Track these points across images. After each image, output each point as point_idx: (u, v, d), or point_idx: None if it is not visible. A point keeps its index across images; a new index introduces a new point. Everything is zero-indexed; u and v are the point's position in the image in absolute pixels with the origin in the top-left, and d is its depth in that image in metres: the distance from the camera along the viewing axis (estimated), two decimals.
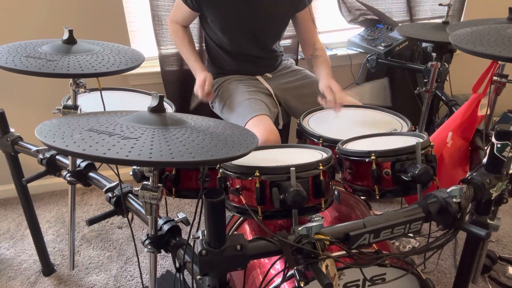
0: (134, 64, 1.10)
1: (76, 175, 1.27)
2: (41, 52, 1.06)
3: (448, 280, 1.61)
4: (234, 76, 1.75)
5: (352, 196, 1.35)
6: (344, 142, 1.14)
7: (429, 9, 2.42)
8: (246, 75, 1.76)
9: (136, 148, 0.67)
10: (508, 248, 1.77)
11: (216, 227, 0.74)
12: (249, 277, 1.10)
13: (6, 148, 1.40)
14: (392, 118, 1.39)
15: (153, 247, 0.95)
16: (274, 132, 1.45)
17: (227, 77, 1.75)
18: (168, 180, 1.09)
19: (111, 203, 1.11)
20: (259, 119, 1.49)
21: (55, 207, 2.14)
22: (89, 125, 0.76)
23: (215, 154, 0.69)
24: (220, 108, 1.71)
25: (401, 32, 1.84)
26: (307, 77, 1.76)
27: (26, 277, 1.68)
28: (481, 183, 0.96)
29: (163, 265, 1.72)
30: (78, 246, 1.84)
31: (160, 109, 0.81)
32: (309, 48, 1.75)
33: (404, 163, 0.96)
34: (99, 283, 1.64)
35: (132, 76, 2.10)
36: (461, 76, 2.32)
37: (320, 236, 0.80)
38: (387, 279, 1.03)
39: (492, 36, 0.95)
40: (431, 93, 1.87)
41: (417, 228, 0.90)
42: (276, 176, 0.90)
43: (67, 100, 1.32)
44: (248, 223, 1.26)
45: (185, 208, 2.13)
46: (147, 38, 2.06)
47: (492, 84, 1.63)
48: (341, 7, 2.28)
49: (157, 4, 1.92)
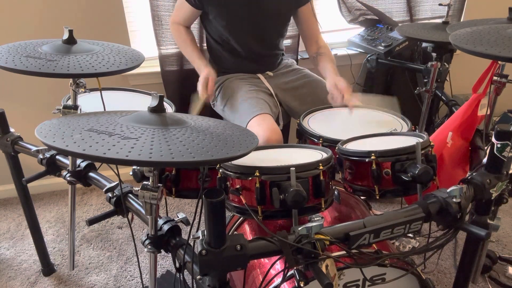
0: (134, 64, 1.10)
1: (76, 175, 1.27)
2: (41, 52, 1.06)
3: (448, 280, 1.61)
4: (235, 75, 1.75)
5: (352, 196, 1.35)
6: (344, 142, 1.14)
7: (429, 9, 2.41)
8: (248, 73, 1.76)
9: (136, 148, 0.67)
10: (508, 248, 1.77)
11: (216, 227, 0.74)
12: (249, 277, 1.10)
13: (6, 148, 1.40)
14: (392, 118, 1.39)
15: (153, 247, 0.95)
16: (276, 131, 1.45)
17: (229, 76, 1.75)
18: (168, 180, 1.09)
19: (111, 203, 1.11)
20: (261, 118, 1.49)
21: (55, 207, 2.14)
22: (89, 125, 0.76)
23: (215, 154, 0.69)
24: (222, 107, 1.70)
25: (401, 32, 1.84)
26: (307, 77, 1.76)
27: (26, 277, 1.68)
28: (481, 183, 0.96)
29: (163, 265, 1.72)
30: (78, 246, 1.84)
31: (160, 109, 0.81)
32: (312, 46, 1.75)
33: (404, 163, 0.96)
34: (99, 283, 1.64)
35: (132, 76, 2.10)
36: (461, 76, 2.32)
37: (320, 236, 0.80)
38: (387, 279, 1.03)
39: (492, 36, 0.95)
40: (431, 93, 1.87)
41: (417, 228, 0.90)
42: (276, 176, 0.90)
43: (67, 100, 1.32)
44: (248, 223, 1.26)
45: (185, 208, 2.13)
46: (147, 38, 2.06)
47: (492, 84, 1.63)
48: (341, 7, 2.28)
49: (157, 4, 1.92)
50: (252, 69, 1.76)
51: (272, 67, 1.80)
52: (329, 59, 1.68)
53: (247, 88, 1.65)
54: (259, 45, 1.71)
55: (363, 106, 1.48)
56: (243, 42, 1.68)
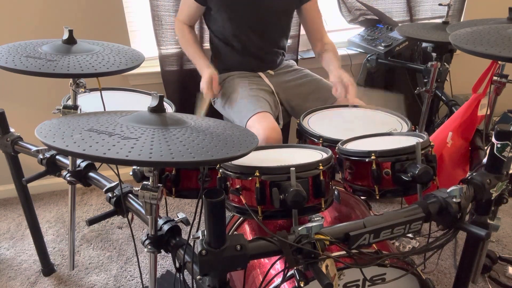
0: (134, 64, 1.10)
1: (76, 175, 1.26)
2: (41, 52, 1.06)
3: (448, 280, 1.61)
4: (237, 73, 1.75)
5: (352, 196, 1.35)
6: (344, 142, 1.14)
7: (429, 9, 2.42)
8: (249, 71, 1.76)
9: (136, 148, 0.67)
10: (508, 248, 1.77)
11: (216, 227, 0.74)
12: (249, 277, 1.10)
13: (6, 148, 1.40)
14: (392, 118, 1.39)
15: (153, 247, 0.95)
16: (276, 129, 1.45)
17: (230, 73, 1.75)
18: (168, 180, 1.09)
19: (111, 203, 1.11)
20: (261, 116, 1.49)
21: (55, 207, 2.14)
22: (89, 125, 0.76)
23: (215, 154, 0.69)
24: (222, 104, 1.71)
25: (401, 32, 1.84)
26: (309, 76, 1.77)
27: (26, 277, 1.68)
28: (481, 183, 0.96)
29: (163, 265, 1.72)
30: (78, 246, 1.84)
31: (160, 109, 0.81)
32: (317, 44, 1.77)
33: (404, 163, 0.96)
34: (99, 283, 1.64)
35: (132, 76, 2.10)
36: (461, 76, 2.32)
37: (320, 236, 0.80)
38: (387, 279, 1.03)
39: (492, 36, 0.95)
40: (431, 93, 1.87)
41: (417, 228, 0.90)
42: (276, 176, 0.90)
43: (67, 100, 1.32)
44: (248, 223, 1.26)
45: (185, 208, 2.13)
46: (147, 38, 2.06)
47: (492, 84, 1.63)
48: (341, 7, 2.28)
49: (157, 4, 1.92)
50: (253, 67, 1.76)
51: (273, 66, 1.80)
52: (334, 55, 1.70)
53: (248, 86, 1.66)
54: (261, 41, 1.71)
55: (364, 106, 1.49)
56: (246, 38, 1.69)
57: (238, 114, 1.57)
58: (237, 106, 1.60)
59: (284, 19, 1.74)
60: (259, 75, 1.76)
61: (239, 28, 1.67)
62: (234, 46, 1.71)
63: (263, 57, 1.76)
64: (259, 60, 1.76)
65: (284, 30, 1.78)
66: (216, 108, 1.79)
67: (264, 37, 1.71)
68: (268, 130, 1.42)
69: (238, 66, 1.76)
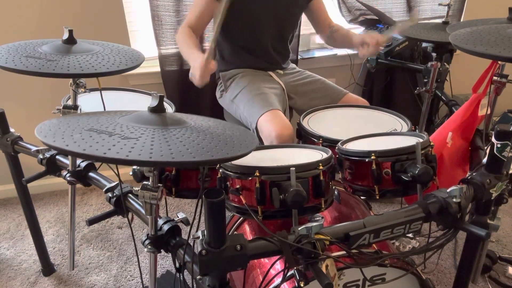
0: (134, 64, 1.10)
1: (76, 175, 1.26)
2: (41, 52, 1.06)
3: (448, 280, 1.61)
4: (248, 70, 1.75)
5: (352, 196, 1.35)
6: (344, 142, 1.14)
7: (429, 9, 2.42)
8: (260, 70, 1.77)
9: (136, 148, 0.67)
10: (508, 248, 1.77)
11: (216, 227, 0.74)
12: (249, 277, 1.10)
13: (6, 148, 1.40)
14: (392, 118, 1.39)
15: (153, 247, 0.95)
16: (288, 127, 1.45)
17: (240, 70, 1.75)
18: (168, 180, 1.09)
19: (111, 203, 1.11)
20: (273, 113, 1.49)
21: (55, 207, 2.14)
22: (89, 125, 0.76)
23: (215, 154, 0.69)
24: (231, 99, 1.69)
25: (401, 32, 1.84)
26: (312, 76, 1.80)
27: (26, 277, 1.68)
28: (481, 183, 0.96)
29: (163, 265, 1.72)
30: (78, 246, 1.84)
31: (160, 109, 0.81)
32: (325, 29, 1.82)
33: (404, 163, 0.96)
34: (99, 283, 1.64)
35: (132, 76, 2.10)
36: (461, 76, 2.32)
37: (320, 236, 0.80)
38: (387, 279, 1.03)
39: (492, 36, 0.95)
40: (431, 93, 1.87)
41: (417, 228, 0.90)
42: (276, 176, 0.90)
43: (67, 100, 1.32)
44: (248, 223, 1.26)
45: (185, 208, 2.13)
46: (147, 38, 2.06)
47: (492, 84, 1.63)
48: (341, 7, 2.28)
49: (157, 4, 1.92)
50: (263, 67, 1.77)
51: (283, 65, 1.83)
52: (346, 30, 1.77)
53: (261, 83, 1.66)
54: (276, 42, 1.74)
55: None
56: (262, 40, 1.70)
57: (249, 110, 1.56)
58: (247, 103, 1.59)
59: (297, 16, 1.78)
60: (269, 74, 1.77)
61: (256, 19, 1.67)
62: (245, 46, 1.72)
63: (273, 57, 1.77)
64: (269, 58, 1.77)
65: (295, 28, 1.81)
66: (221, 103, 1.79)
67: (278, 38, 1.74)
68: (280, 127, 1.42)
69: (249, 66, 1.76)
